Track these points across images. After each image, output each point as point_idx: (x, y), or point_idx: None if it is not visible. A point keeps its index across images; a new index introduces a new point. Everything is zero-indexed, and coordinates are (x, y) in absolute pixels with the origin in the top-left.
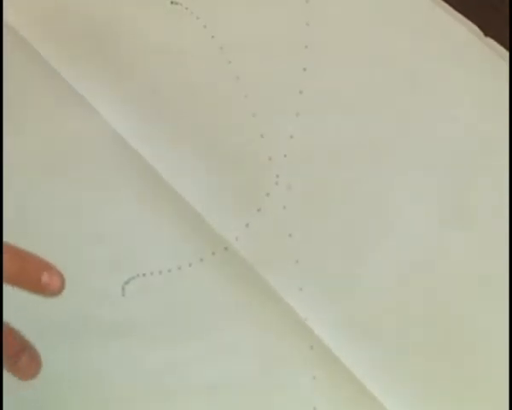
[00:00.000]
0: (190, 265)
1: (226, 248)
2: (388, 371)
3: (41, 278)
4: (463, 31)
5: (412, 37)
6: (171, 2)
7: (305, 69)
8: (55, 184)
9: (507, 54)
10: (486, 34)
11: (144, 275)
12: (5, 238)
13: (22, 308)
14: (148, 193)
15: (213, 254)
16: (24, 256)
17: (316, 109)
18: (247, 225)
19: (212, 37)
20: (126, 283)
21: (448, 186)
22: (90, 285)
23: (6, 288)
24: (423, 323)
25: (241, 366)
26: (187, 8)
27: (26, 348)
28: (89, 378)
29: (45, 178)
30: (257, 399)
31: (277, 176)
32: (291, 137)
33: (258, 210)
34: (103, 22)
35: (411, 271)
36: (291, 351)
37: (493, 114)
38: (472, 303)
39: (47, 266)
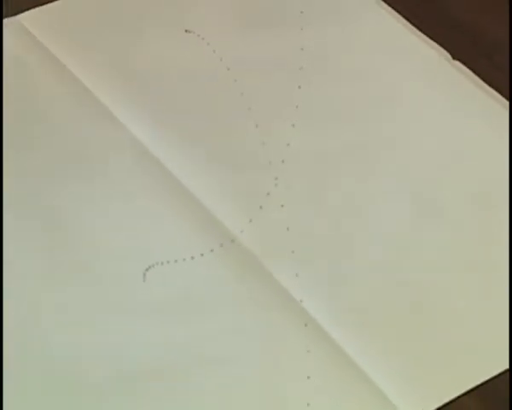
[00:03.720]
0: (202, 255)
1: (233, 241)
2: (374, 344)
3: None
4: (434, 54)
5: (391, 59)
6: (186, 31)
7: (299, 87)
8: (83, 184)
9: (472, 74)
10: (454, 57)
11: (162, 263)
12: (41, 232)
13: (42, 285)
14: (164, 193)
15: (221, 245)
16: None
17: (309, 121)
18: (250, 221)
19: (221, 59)
20: (147, 270)
21: (420, 186)
22: (114, 272)
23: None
24: (405, 304)
25: (244, 341)
26: (199, 36)
27: None
28: (111, 355)
29: (74, 179)
30: (259, 370)
31: (276, 178)
32: (288, 144)
33: (260, 207)
34: (126, 46)
35: (391, 258)
36: (288, 328)
37: (459, 124)
38: (444, 285)
39: None
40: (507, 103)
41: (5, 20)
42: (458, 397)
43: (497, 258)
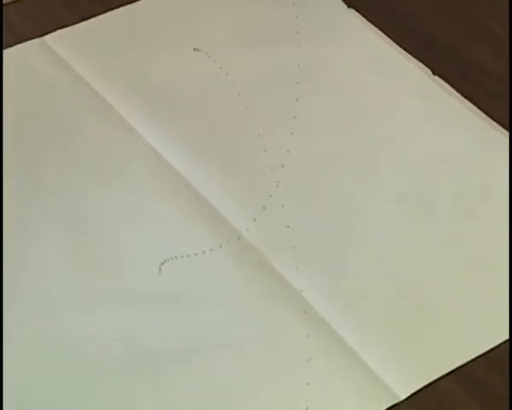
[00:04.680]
0: (212, 250)
1: (239, 238)
2: (367, 329)
3: None
4: (417, 69)
5: (378, 73)
6: (194, 49)
7: (297, 99)
8: (104, 189)
9: (450, 87)
10: (434, 73)
11: (176, 258)
12: (66, 231)
13: (70, 280)
14: (177, 195)
15: (229, 242)
16: None
17: (306, 130)
18: (254, 220)
19: (226, 75)
20: (162, 264)
21: (413, 187)
22: (133, 267)
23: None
24: (398, 293)
25: (250, 327)
26: (206, 54)
27: None
28: (131, 340)
29: (96, 184)
30: (262, 353)
31: (277, 181)
32: (287, 151)
33: (264, 208)
34: (142, 64)
35: (383, 254)
36: (289, 315)
37: (442, 132)
38: (431, 277)
39: None
40: (483, 115)
41: (32, 41)
42: (440, 379)
43: (497, 257)
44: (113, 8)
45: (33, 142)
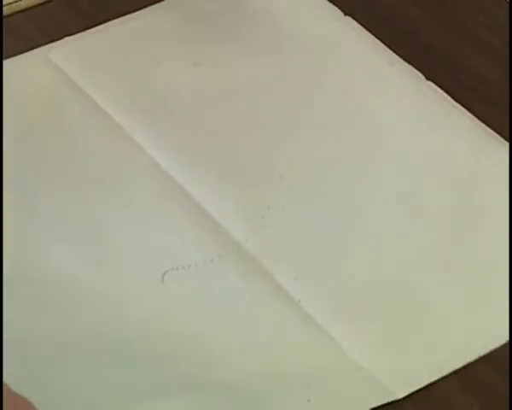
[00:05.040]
0: (212, 260)
1: (238, 249)
2: (364, 337)
3: None
4: (411, 75)
5: (376, 79)
6: (193, 64)
7: (297, 105)
8: (106, 200)
9: (442, 92)
10: (427, 78)
11: (177, 268)
12: (66, 244)
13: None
14: (177, 206)
15: (229, 252)
16: None
17: (307, 137)
18: (253, 231)
19: (226, 85)
20: (165, 273)
21: (413, 187)
22: (137, 276)
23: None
24: (394, 295)
25: (250, 336)
26: (205, 67)
27: None
28: (135, 341)
29: (98, 196)
30: (263, 361)
31: (275, 191)
32: (287, 160)
33: (262, 217)
34: (142, 76)
35: (383, 260)
36: (287, 324)
37: (441, 134)
38: (428, 279)
39: None
40: (475, 119)
41: (33, 53)
42: (438, 381)
43: (497, 258)
44: (117, 17)
45: (34, 154)
